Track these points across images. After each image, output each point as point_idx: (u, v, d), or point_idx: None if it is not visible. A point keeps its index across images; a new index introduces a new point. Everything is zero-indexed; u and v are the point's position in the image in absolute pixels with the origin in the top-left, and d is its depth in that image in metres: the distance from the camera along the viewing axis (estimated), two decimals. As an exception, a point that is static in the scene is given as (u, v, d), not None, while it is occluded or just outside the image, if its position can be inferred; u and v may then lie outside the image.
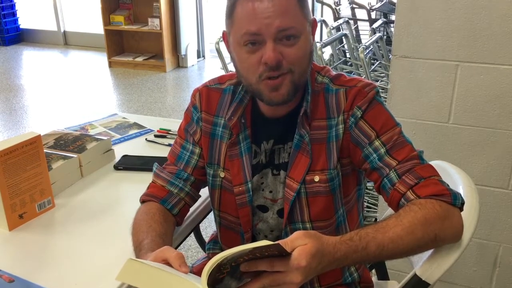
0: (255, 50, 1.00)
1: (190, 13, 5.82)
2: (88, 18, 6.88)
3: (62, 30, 6.84)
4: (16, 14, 6.91)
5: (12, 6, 6.85)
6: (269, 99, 1.05)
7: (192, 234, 1.58)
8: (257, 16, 0.98)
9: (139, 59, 5.80)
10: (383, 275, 1.47)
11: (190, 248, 2.52)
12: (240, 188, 1.14)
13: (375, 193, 2.45)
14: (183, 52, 5.75)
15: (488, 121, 1.70)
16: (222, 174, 1.16)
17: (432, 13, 1.65)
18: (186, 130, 1.20)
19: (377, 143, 1.05)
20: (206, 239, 2.00)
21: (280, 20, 0.97)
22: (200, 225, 1.54)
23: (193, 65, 5.88)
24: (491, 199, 1.79)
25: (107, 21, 5.72)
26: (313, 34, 1.08)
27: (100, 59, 6.11)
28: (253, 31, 0.98)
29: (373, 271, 1.49)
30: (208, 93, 1.18)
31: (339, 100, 1.08)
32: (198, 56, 6.03)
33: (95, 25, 6.26)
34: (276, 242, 0.78)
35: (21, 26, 7.01)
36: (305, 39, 1.02)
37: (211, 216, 1.42)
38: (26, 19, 7.11)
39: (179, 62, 5.82)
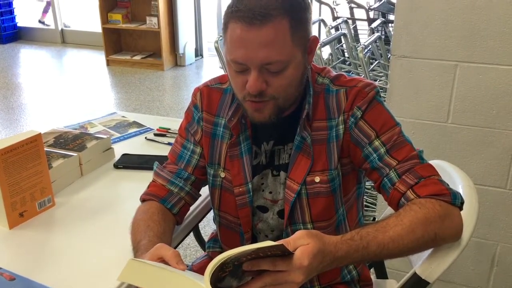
0: (242, 72, 1.01)
1: (188, 12, 5.82)
2: (86, 16, 6.87)
3: (59, 28, 6.83)
4: (13, 12, 6.90)
5: (10, 4, 6.84)
6: (252, 118, 1.06)
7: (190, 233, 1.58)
8: (243, 45, 0.96)
9: (137, 57, 5.79)
10: (382, 274, 1.48)
11: (189, 247, 2.52)
12: (240, 189, 1.14)
13: (374, 193, 2.46)
14: (181, 51, 5.75)
15: (487, 121, 1.71)
16: (222, 174, 1.17)
17: (431, 13, 1.65)
18: (187, 130, 1.20)
19: (377, 143, 1.05)
20: (204, 238, 2.01)
21: (265, 53, 0.96)
22: (199, 223, 1.54)
23: (191, 64, 5.88)
24: (489, 198, 1.80)
25: (105, 20, 5.72)
26: (312, 52, 1.06)
27: (97, 58, 6.10)
28: (239, 60, 0.98)
29: (372, 270, 1.50)
30: (209, 93, 1.18)
31: (340, 100, 1.09)
32: (196, 55, 6.03)
33: (92, 23, 6.24)
34: (280, 242, 0.79)
35: (18, 24, 6.99)
36: (294, 67, 1.00)
37: (209, 215, 1.43)
38: (23, 17, 7.10)
39: (177, 60, 5.82)
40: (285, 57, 0.98)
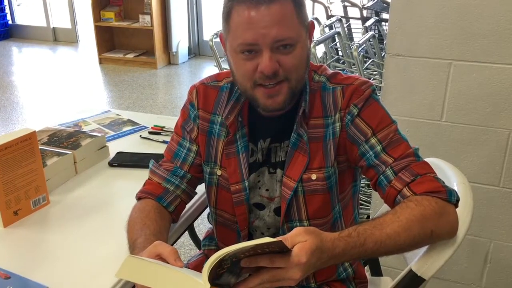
0: (251, 57, 1.01)
1: (181, 10, 5.80)
2: (78, 14, 6.83)
3: (51, 26, 6.79)
4: (4, 10, 6.84)
5: (1, 2, 6.78)
6: (264, 106, 1.05)
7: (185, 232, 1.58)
8: (253, 25, 0.97)
9: (130, 55, 5.76)
10: (377, 271, 1.49)
11: (183, 246, 2.52)
12: (237, 187, 1.14)
13: (368, 191, 2.47)
14: (174, 49, 5.73)
15: (480, 119, 1.72)
16: (219, 172, 1.17)
17: (426, 11, 1.66)
18: (183, 127, 1.20)
19: (373, 140, 1.06)
20: (199, 236, 2.00)
21: (277, 30, 0.97)
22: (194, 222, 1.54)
23: (184, 62, 5.86)
24: (482, 196, 1.81)
25: (97, 17, 5.68)
26: (311, 37, 1.08)
27: (90, 56, 6.07)
28: (250, 41, 0.98)
29: (367, 267, 1.50)
30: (205, 91, 1.18)
31: (336, 98, 1.09)
32: (189, 53, 6.02)
33: (85, 21, 6.21)
34: (278, 239, 0.79)
35: (10, 22, 6.94)
36: (301, 46, 1.02)
37: (203, 213, 1.42)
38: (15, 15, 7.05)
39: (170, 59, 5.80)
40: (294, 33, 1.00)
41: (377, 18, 3.37)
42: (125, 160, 1.55)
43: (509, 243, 1.86)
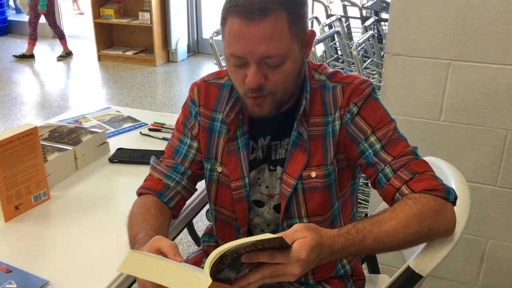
0: (241, 66, 1.02)
1: (181, 8, 5.81)
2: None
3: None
4: (4, 6, 6.83)
5: (0, -2, 6.79)
6: (252, 113, 1.07)
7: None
8: (242, 39, 0.97)
9: (129, 53, 5.77)
10: (374, 269, 1.50)
11: (181, 242, 2.53)
12: (237, 183, 1.15)
13: (366, 190, 2.48)
14: (173, 47, 5.74)
15: (478, 119, 1.73)
16: (219, 169, 1.17)
17: (425, 11, 1.67)
18: (184, 124, 1.21)
19: (372, 138, 1.07)
20: (197, 233, 2.01)
21: (264, 47, 0.97)
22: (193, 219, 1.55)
23: (183, 60, 5.87)
24: (479, 195, 1.83)
25: (97, 14, 5.69)
26: (309, 47, 1.07)
27: (89, 53, 6.07)
28: (238, 54, 0.99)
29: (364, 265, 1.52)
30: (206, 88, 1.19)
31: (336, 96, 1.10)
32: (188, 51, 6.02)
33: (84, 17, 6.21)
34: (279, 235, 0.80)
35: (9, 18, 6.93)
36: (292, 61, 1.02)
37: (202, 210, 1.43)
38: (14, 11, 7.04)
39: (169, 56, 5.81)
40: (283, 51, 0.99)
41: (376, 17, 3.38)
42: (125, 157, 1.56)
43: (505, 242, 1.87)
